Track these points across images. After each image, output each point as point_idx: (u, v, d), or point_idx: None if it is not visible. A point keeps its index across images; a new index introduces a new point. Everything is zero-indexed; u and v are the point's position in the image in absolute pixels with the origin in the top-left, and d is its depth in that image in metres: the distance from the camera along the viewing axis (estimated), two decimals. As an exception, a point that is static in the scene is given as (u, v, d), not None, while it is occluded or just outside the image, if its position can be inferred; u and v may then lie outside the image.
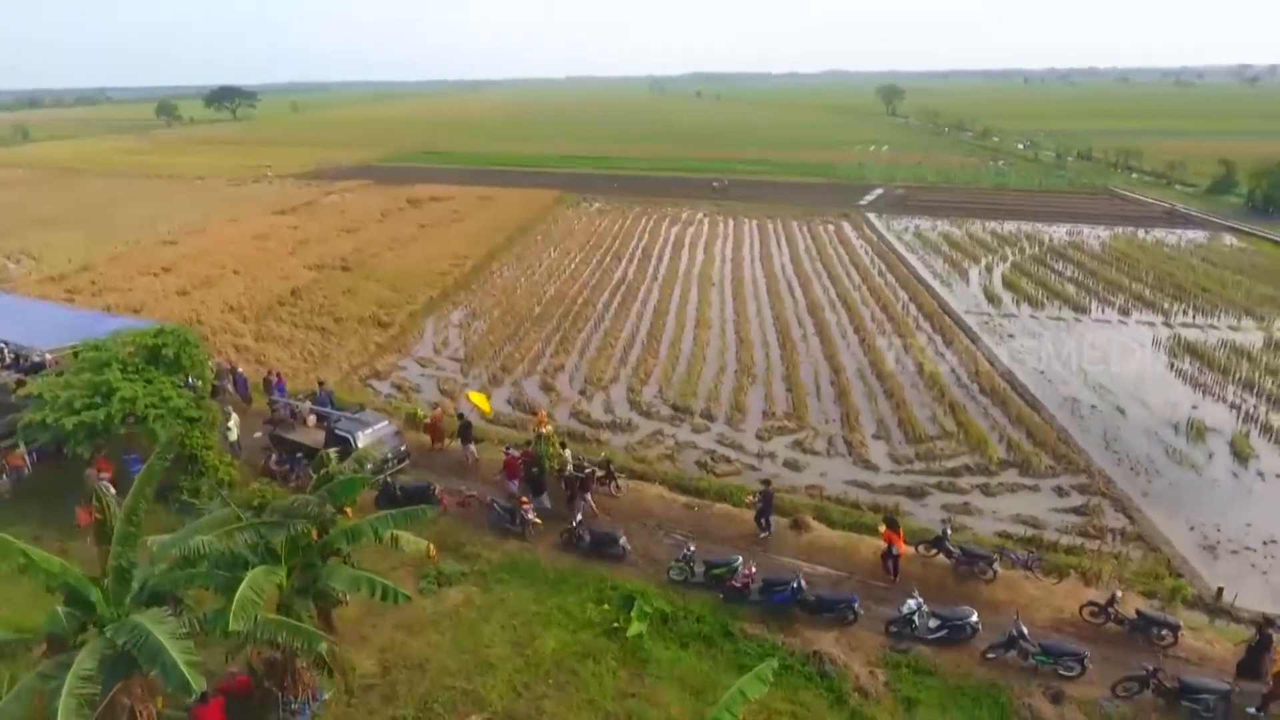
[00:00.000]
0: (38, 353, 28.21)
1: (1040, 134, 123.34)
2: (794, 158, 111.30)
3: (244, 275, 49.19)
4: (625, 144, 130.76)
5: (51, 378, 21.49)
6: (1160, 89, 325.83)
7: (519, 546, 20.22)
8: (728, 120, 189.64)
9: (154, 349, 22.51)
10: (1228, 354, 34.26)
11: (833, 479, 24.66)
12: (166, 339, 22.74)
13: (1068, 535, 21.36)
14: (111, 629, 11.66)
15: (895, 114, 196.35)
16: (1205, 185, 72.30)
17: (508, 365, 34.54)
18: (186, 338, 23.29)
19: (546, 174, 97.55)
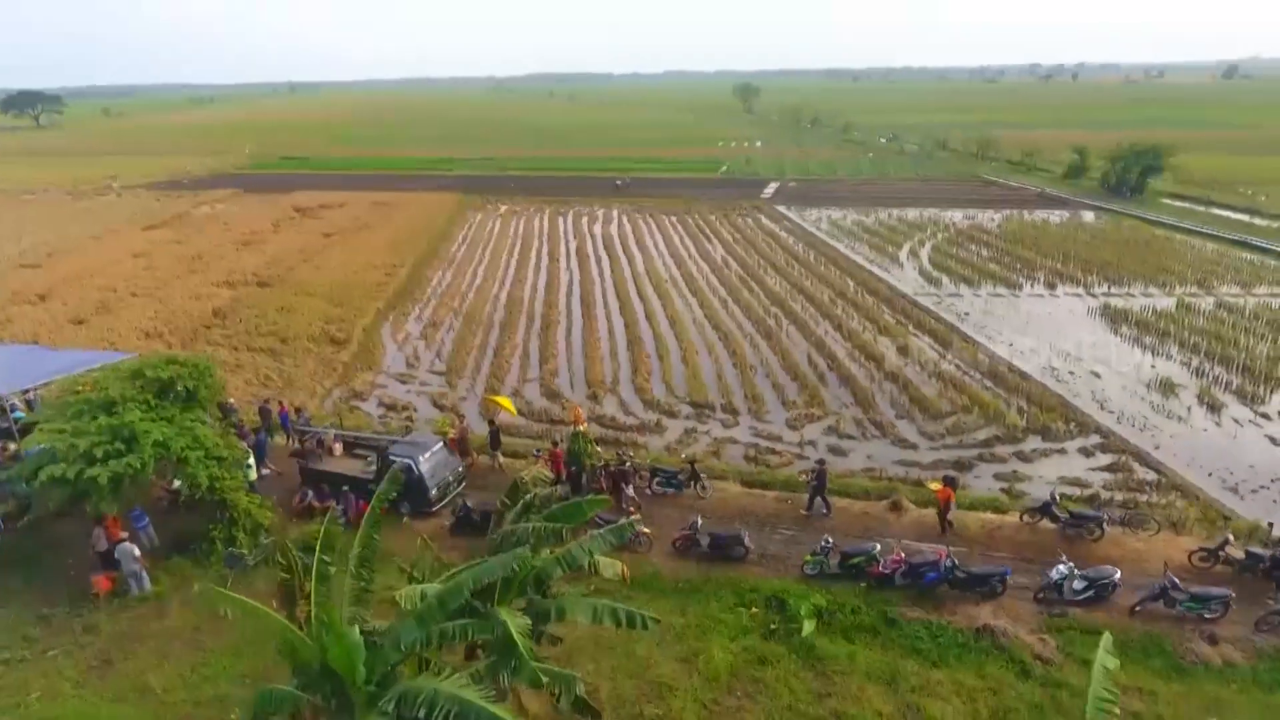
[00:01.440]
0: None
1: (897, 128, 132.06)
2: (677, 155, 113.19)
3: (145, 297, 43.98)
4: (505, 146, 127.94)
5: (51, 426, 18.12)
6: (971, 86, 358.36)
7: (631, 559, 19.17)
8: (594, 120, 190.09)
9: (166, 382, 19.55)
10: (1154, 318, 38.14)
11: (882, 459, 25.23)
12: (182, 371, 19.82)
13: (1115, 490, 22.99)
14: (392, 703, 9.78)
15: (752, 111, 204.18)
16: (1061, 170, 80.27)
17: (497, 374, 32.88)
18: (204, 368, 20.42)
19: (431, 177, 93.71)
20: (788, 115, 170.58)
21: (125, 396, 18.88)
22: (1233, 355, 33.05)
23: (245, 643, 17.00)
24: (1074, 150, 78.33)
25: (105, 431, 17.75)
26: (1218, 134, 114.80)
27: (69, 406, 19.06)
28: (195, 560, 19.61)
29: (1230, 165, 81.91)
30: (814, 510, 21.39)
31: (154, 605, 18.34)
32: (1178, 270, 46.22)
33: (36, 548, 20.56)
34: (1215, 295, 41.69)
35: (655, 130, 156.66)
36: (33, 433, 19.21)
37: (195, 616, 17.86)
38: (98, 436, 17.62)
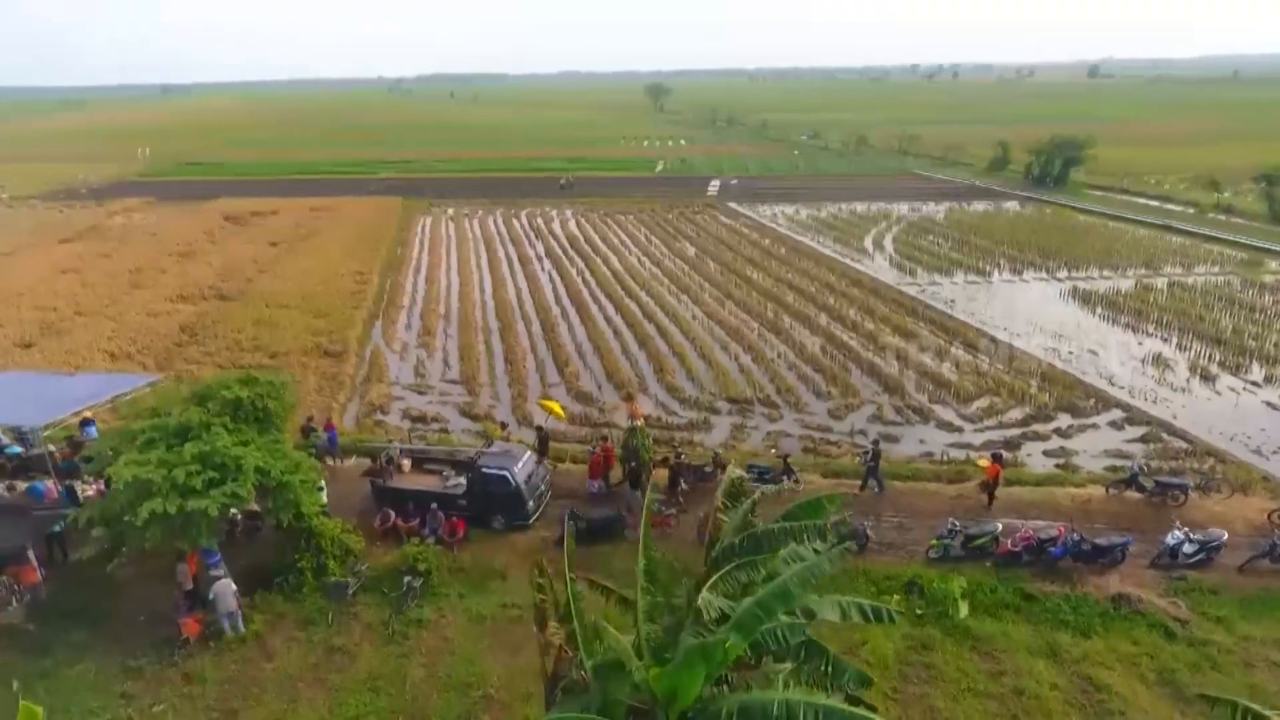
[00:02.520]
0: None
1: (812, 125, 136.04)
2: (605, 155, 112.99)
3: (93, 316, 40.39)
4: (425, 148, 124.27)
5: (133, 458, 16.28)
6: (861, 85, 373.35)
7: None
8: (510, 121, 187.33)
9: (239, 402, 17.99)
10: (1121, 298, 40.82)
11: (935, 444, 25.94)
12: (264, 389, 18.29)
13: (1157, 460, 24.47)
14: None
15: (664, 110, 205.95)
16: (984, 164, 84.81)
17: (517, 380, 31.93)
18: (280, 385, 18.91)
19: (359, 181, 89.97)
20: (702, 114, 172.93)
21: (204, 421, 17.29)
22: (1203, 329, 35.77)
23: (376, 677, 15.93)
24: (997, 144, 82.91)
25: (199, 459, 16.19)
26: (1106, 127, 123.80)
27: (136, 435, 17.30)
28: (284, 594, 18.15)
29: (1131, 156, 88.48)
30: (868, 489, 21.89)
31: (255, 646, 16.87)
32: (1124, 254, 49.65)
33: (92, 594, 18.58)
34: (1165, 276, 45.02)
35: (576, 130, 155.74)
36: (106, 465, 17.29)
37: (307, 654, 16.58)
38: (193, 466, 16.04)
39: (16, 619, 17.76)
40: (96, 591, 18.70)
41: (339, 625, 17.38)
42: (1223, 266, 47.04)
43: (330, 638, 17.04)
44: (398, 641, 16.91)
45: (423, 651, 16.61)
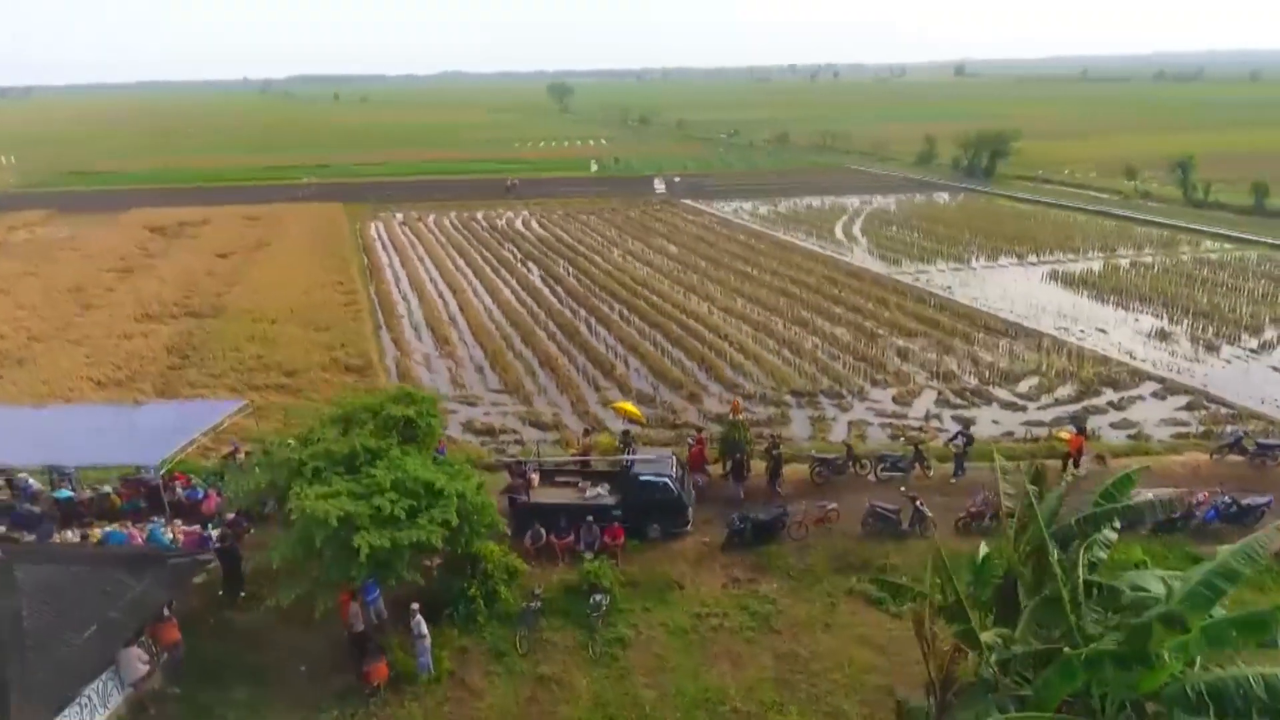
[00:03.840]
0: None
1: (727, 124, 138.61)
2: (530, 156, 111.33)
3: (54, 341, 36.42)
4: (337, 151, 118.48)
5: (313, 491, 14.59)
6: (747, 84, 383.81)
7: (927, 544, 19.14)
8: (418, 122, 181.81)
9: (408, 422, 16.56)
10: (1097, 279, 43.70)
11: (1009, 423, 26.96)
12: (425, 406, 16.88)
13: (1212, 425, 26.34)
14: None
15: (568, 110, 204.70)
16: (912, 158, 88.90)
17: (568, 386, 30.89)
18: (433, 401, 17.51)
19: (281, 188, 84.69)
20: (612, 114, 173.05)
21: (377, 446, 15.82)
22: (1185, 304, 38.77)
23: (605, 703, 15.06)
24: (926, 139, 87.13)
25: (397, 488, 14.78)
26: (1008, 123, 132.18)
27: (300, 465, 15.63)
28: (458, 626, 16.81)
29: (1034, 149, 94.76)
30: (960, 476, 22.31)
31: (454, 685, 15.56)
32: (1078, 238, 53.21)
33: (228, 648, 16.65)
34: (1123, 257, 48.56)
35: (487, 131, 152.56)
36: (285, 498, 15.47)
37: (517, 687, 15.46)
38: (391, 494, 14.63)
39: (156, 684, 15.68)
40: (233, 644, 16.81)
41: (535, 653, 16.30)
42: (1168, 246, 51.20)
43: (532, 667, 15.96)
44: (606, 663, 16.03)
45: (640, 671, 15.80)
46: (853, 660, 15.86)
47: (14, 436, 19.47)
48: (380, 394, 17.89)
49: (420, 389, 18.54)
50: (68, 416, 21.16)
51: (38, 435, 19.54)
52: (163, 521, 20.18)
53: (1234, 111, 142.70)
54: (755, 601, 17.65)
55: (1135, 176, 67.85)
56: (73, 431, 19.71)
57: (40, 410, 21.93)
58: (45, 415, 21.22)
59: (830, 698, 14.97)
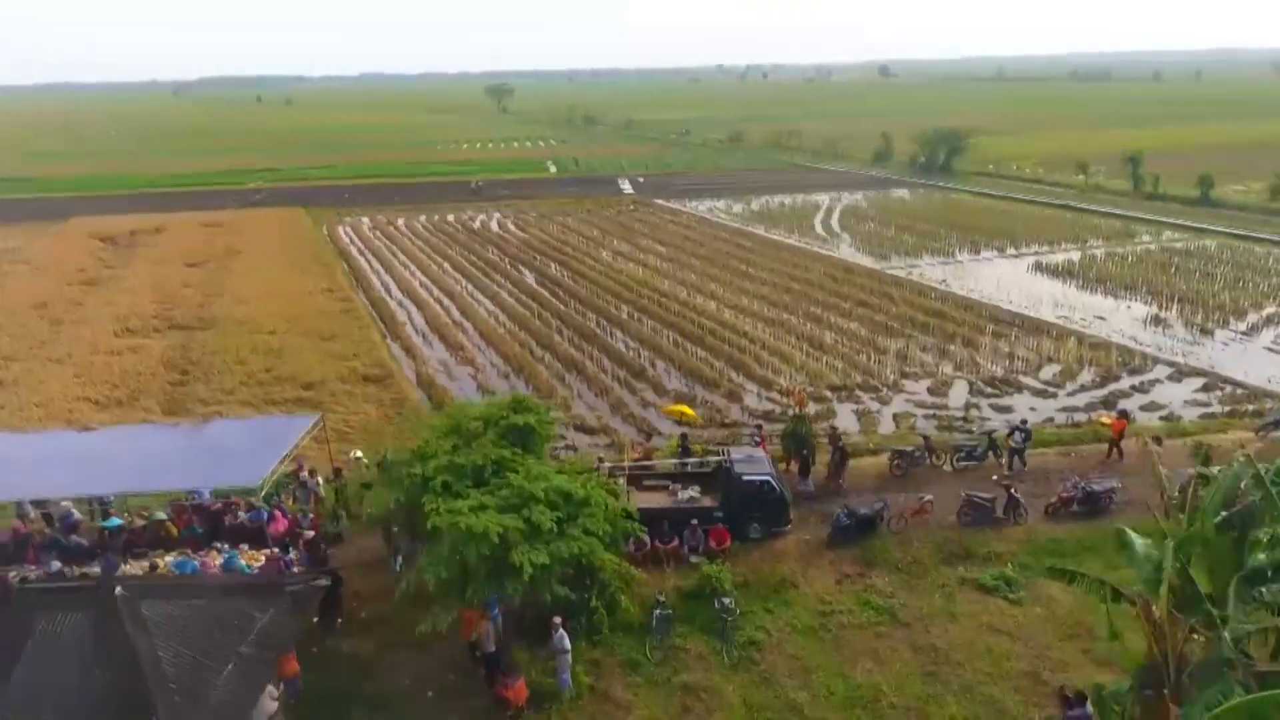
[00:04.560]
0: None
1: (675, 124, 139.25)
2: (483, 157, 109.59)
3: (33, 360, 33.97)
4: (280, 155, 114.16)
5: (451, 506, 13.83)
6: (679, 84, 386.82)
7: (1023, 530, 19.56)
8: (355, 124, 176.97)
9: (529, 430, 15.96)
10: (1078, 269, 45.46)
11: (1045, 410, 27.72)
12: (540, 414, 16.28)
13: (1229, 404, 27.69)
14: None
15: (507, 111, 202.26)
16: (869, 156, 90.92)
17: (604, 390, 30.36)
18: (546, 408, 16.91)
19: (231, 193, 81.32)
20: (555, 114, 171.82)
21: (506, 457, 15.19)
22: (1170, 291, 40.66)
23: (762, 708, 14.81)
24: (881, 135, 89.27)
25: (547, 498, 14.20)
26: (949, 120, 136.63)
27: (428, 479, 14.87)
28: (583, 638, 16.24)
29: (982, 146, 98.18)
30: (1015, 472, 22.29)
31: (598, 700, 15.05)
32: (1050, 231, 55.25)
33: (343, 675, 15.74)
34: (1096, 248, 50.68)
35: (430, 132, 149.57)
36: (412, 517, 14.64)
37: (665, 698, 15.06)
38: (542, 507, 14.04)
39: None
40: (346, 673, 15.90)
41: (669, 661, 15.91)
42: (1134, 237, 53.70)
43: (671, 676, 15.57)
44: (745, 668, 15.76)
45: (783, 673, 15.57)
46: (990, 649, 16.00)
47: (54, 464, 17.96)
48: (493, 402, 17.14)
49: (531, 398, 17.69)
50: (115, 439, 19.55)
51: (85, 461, 18.06)
52: (226, 547, 19.00)
53: (1150, 108, 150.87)
54: (874, 596, 17.65)
55: (1086, 171, 70.90)
56: (127, 454, 18.34)
57: (83, 434, 20.24)
58: (88, 439, 19.61)
59: (981, 687, 15.05)
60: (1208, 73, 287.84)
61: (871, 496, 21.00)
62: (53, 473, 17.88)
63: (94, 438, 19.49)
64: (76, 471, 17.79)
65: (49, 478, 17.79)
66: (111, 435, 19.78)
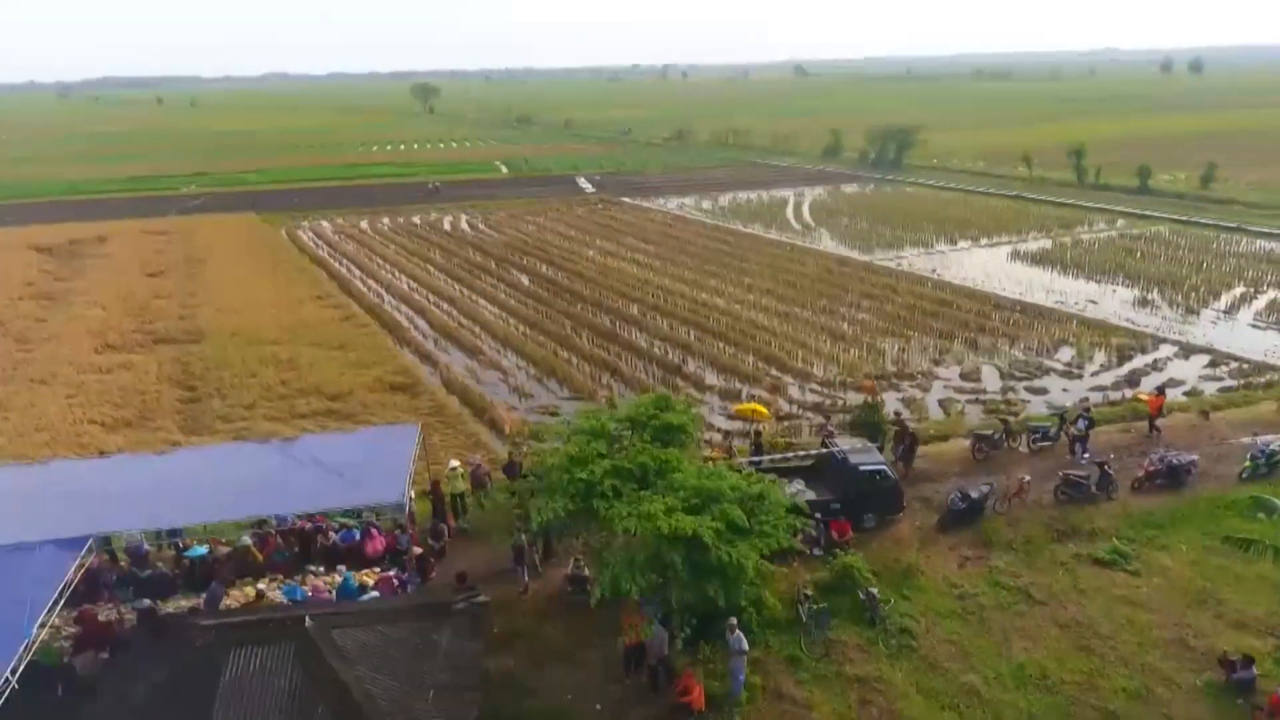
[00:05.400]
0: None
1: (615, 123, 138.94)
2: (427, 158, 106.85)
3: (13, 383, 31.39)
4: (201, 159, 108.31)
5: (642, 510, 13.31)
6: (598, 84, 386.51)
7: (1118, 505, 20.25)
8: (265, 127, 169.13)
9: (681, 428, 15.59)
10: (1053, 256, 47.59)
11: (1077, 392, 28.80)
12: (688, 413, 15.94)
13: (1242, 377, 29.49)
14: None
15: (433, 111, 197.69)
16: (819, 152, 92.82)
17: (645, 389, 29.90)
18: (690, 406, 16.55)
19: (168, 199, 76.75)
20: (492, 115, 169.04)
21: (666, 458, 14.80)
22: (1146, 275, 42.90)
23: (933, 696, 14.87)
24: (831, 132, 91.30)
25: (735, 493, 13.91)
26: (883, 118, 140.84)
27: (587, 483, 14.34)
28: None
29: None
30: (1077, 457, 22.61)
31: (772, 701, 14.80)
32: (1014, 221, 57.62)
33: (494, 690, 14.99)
34: (1065, 236, 53.07)
35: (363, 133, 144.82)
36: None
37: (843, 692, 14.96)
38: (728, 505, 13.72)
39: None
40: (499, 691, 15.13)
41: (831, 656, 15.81)
42: (1093, 225, 56.56)
43: (837, 669, 15.48)
44: (906, 656, 15.80)
45: (945, 659, 15.64)
46: (1130, 620, 16.52)
47: (148, 492, 16.44)
48: (636, 403, 16.58)
49: (677, 399, 17.26)
50: (192, 463, 18.05)
51: (181, 488, 16.61)
52: (321, 569, 17.91)
53: (1056, 105, 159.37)
54: (1001, 576, 17.99)
55: (1030, 164, 74.29)
56: (220, 477, 16.99)
57: (157, 458, 18.60)
58: (161, 464, 18.05)
59: (1137, 658, 15.51)
60: (1099, 71, 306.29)
61: (957, 481, 21.47)
62: (163, 501, 16.24)
63: (167, 462, 17.96)
64: (186, 498, 16.33)
65: (159, 507, 16.16)
66: (186, 459, 18.29)
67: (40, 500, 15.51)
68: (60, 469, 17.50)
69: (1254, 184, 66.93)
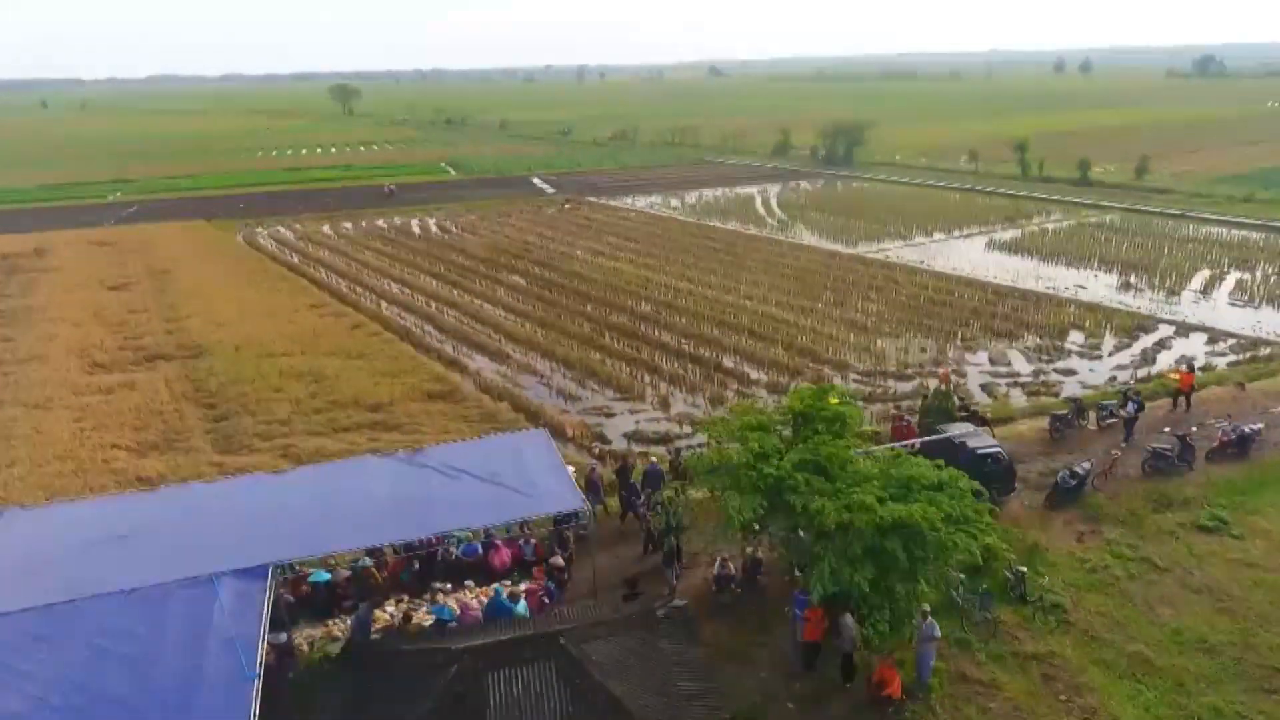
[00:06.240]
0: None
1: (553, 123, 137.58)
2: (364, 160, 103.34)
3: (7, 408, 28.47)
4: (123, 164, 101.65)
5: (866, 503, 13.10)
6: (515, 84, 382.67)
7: (1200, 475, 21.27)
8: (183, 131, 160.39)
9: (836, 418, 15.53)
10: (1030, 245, 49.81)
11: (1102, 373, 30.32)
12: (850, 404, 15.85)
13: (1243, 351, 31.58)
14: None
15: (353, 113, 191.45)
16: (768, 150, 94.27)
17: (692, 386, 29.81)
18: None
19: (86, 208, 71.63)
20: (423, 116, 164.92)
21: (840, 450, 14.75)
22: (1119, 260, 45.43)
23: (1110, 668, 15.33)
24: (780, 131, 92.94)
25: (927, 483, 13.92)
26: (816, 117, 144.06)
27: (776, 479, 14.13)
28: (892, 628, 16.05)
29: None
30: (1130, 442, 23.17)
31: (960, 682, 14.95)
32: (978, 212, 60.05)
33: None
34: (1032, 226, 55.58)
35: (284, 136, 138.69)
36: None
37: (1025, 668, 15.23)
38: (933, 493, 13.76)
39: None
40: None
41: (997, 636, 16.07)
42: (1050, 215, 59.45)
43: (1008, 649, 15.74)
44: (1065, 630, 16.19)
45: (1104, 630, 16.11)
46: (1257, 582, 17.39)
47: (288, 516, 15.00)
48: (801, 394, 16.31)
49: (835, 386, 17.08)
50: (312, 481, 16.69)
51: (321, 510, 15.33)
52: (450, 586, 17.07)
53: (975, 103, 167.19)
54: (1121, 548, 18.64)
55: (976, 158, 77.58)
56: (362, 497, 15.75)
57: (276, 477, 17.14)
58: (281, 484, 16.69)
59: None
60: (996, 71, 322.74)
61: (1043, 460, 22.26)
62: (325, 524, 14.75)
63: (290, 484, 16.57)
64: (344, 520, 15.03)
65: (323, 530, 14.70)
66: (305, 479, 16.91)
67: (175, 529, 14.15)
68: (171, 495, 15.94)
69: (1178, 174, 71.81)
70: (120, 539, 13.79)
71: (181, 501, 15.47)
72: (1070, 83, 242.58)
